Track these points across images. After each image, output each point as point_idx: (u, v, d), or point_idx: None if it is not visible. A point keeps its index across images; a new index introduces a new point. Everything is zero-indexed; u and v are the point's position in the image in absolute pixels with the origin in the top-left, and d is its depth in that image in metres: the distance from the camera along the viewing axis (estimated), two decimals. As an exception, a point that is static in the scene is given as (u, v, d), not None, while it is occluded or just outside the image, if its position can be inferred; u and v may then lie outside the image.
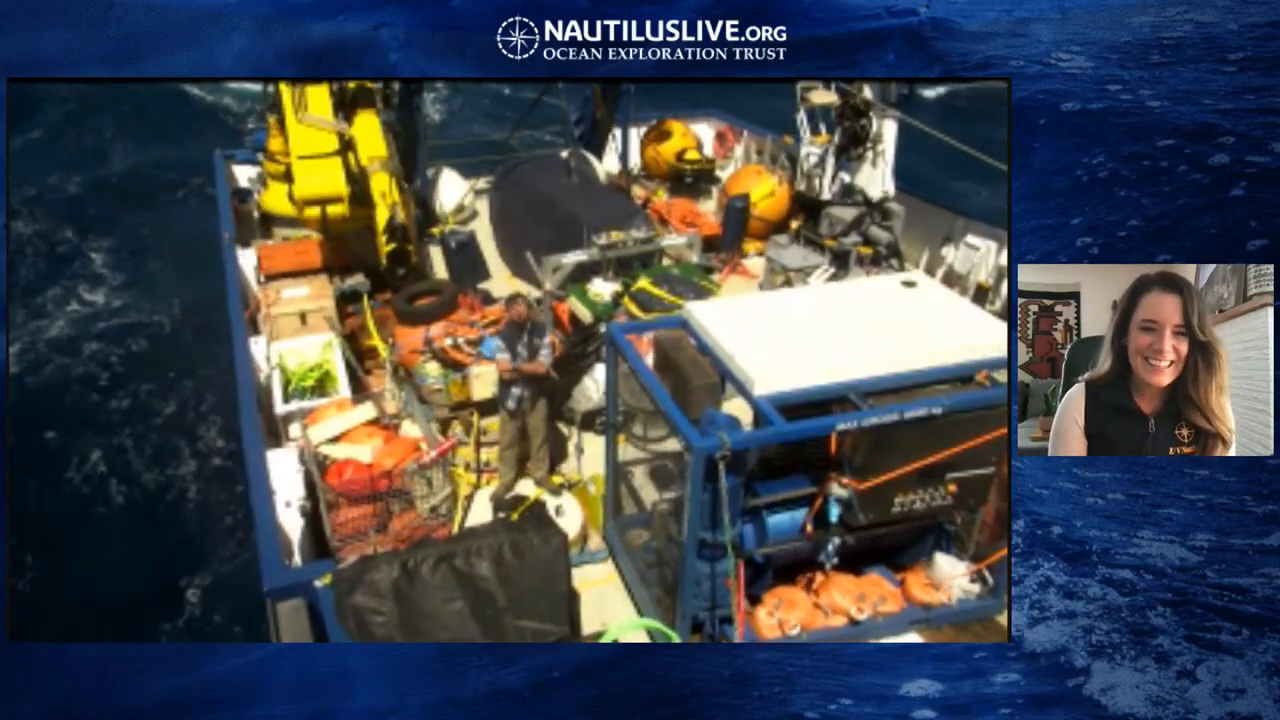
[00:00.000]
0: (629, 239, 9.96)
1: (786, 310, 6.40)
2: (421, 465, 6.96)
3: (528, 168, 12.33)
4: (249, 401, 7.79)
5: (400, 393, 8.31)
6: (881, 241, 10.56)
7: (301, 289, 9.47)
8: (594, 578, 6.86)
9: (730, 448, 5.03)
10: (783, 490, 5.76)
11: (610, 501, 7.03)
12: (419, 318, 8.80)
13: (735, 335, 5.87)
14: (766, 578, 6.04)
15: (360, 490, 6.78)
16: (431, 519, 7.05)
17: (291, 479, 6.94)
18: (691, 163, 13.86)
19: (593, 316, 8.95)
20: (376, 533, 6.80)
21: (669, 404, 5.50)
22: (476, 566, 5.85)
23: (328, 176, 8.73)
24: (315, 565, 6.20)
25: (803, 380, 5.51)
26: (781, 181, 12.07)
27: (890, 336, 5.88)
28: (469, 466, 7.90)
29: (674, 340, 6.35)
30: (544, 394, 7.37)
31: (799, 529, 5.79)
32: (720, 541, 5.32)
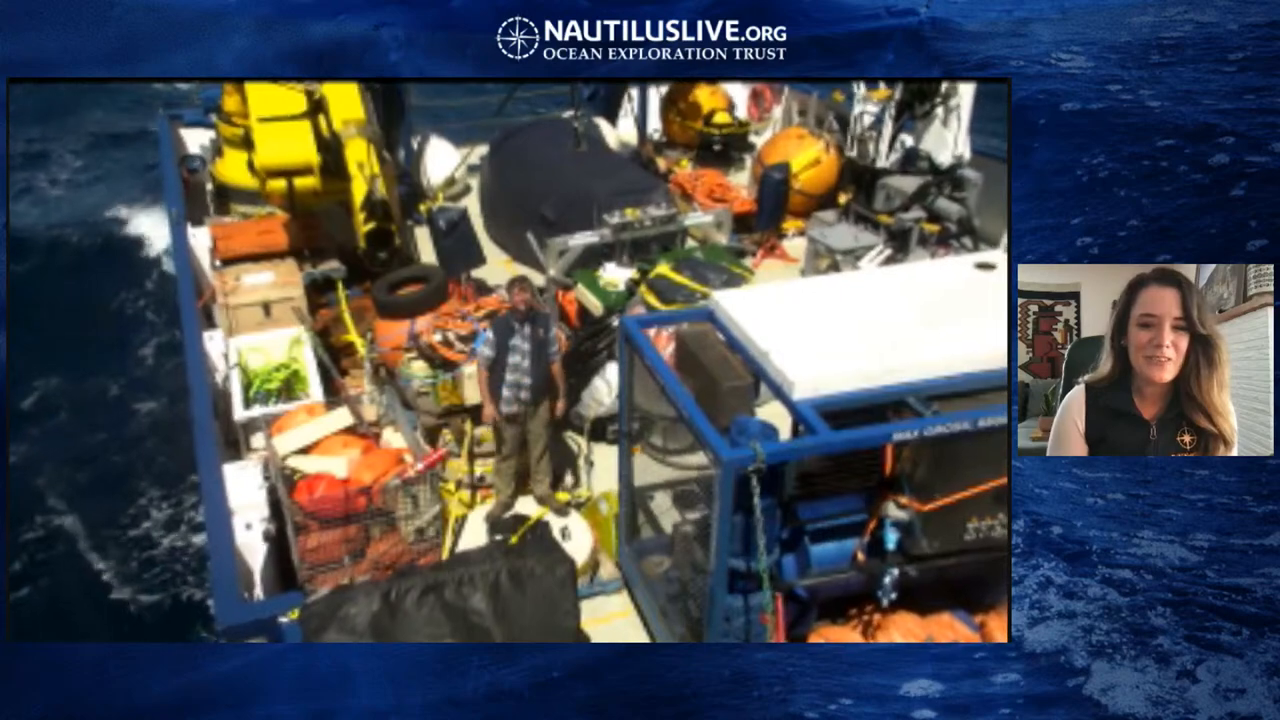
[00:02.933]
0: (647, 217, 10.00)
1: (833, 300, 6.41)
2: (406, 480, 7.01)
3: (529, 134, 12.38)
4: (203, 407, 7.86)
5: (381, 396, 8.37)
6: (952, 216, 10.47)
7: (265, 275, 9.54)
8: (606, 612, 6.90)
9: (765, 461, 5.04)
10: (829, 512, 5.75)
11: (625, 523, 7.05)
12: (403, 309, 8.83)
13: (771, 329, 5.88)
14: (811, 615, 6.01)
15: (334, 510, 6.83)
16: (417, 543, 7.10)
17: (253, 497, 7.00)
18: (721, 127, 13.87)
19: (604, 308, 8.99)
20: (352, 560, 6.86)
21: (693, 410, 5.52)
22: (469, 599, 5.88)
23: (294, 143, 8.79)
24: (280, 598, 6.25)
25: (852, 382, 5.51)
26: (828, 147, 12.07)
27: (960, 330, 5.86)
28: (461, 482, 7.96)
29: (699, 335, 6.38)
30: (547, 397, 7.41)
31: (849, 558, 5.78)
32: (755, 571, 5.33)
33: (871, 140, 11.20)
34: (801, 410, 5.40)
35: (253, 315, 9.22)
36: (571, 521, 7.49)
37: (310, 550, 6.79)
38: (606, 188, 10.48)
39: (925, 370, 5.58)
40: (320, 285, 9.77)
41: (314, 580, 6.70)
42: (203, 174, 11.99)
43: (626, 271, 9.44)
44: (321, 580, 6.70)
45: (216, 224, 10.56)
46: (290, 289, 9.37)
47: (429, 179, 12.81)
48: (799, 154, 12.07)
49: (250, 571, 6.58)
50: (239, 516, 6.76)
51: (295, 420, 7.72)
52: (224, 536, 6.52)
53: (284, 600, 6.10)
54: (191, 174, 11.96)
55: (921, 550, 5.65)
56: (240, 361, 8.60)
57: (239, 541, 6.59)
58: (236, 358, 8.61)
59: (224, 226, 10.45)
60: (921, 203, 10.58)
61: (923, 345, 5.74)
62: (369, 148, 9.14)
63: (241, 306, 9.19)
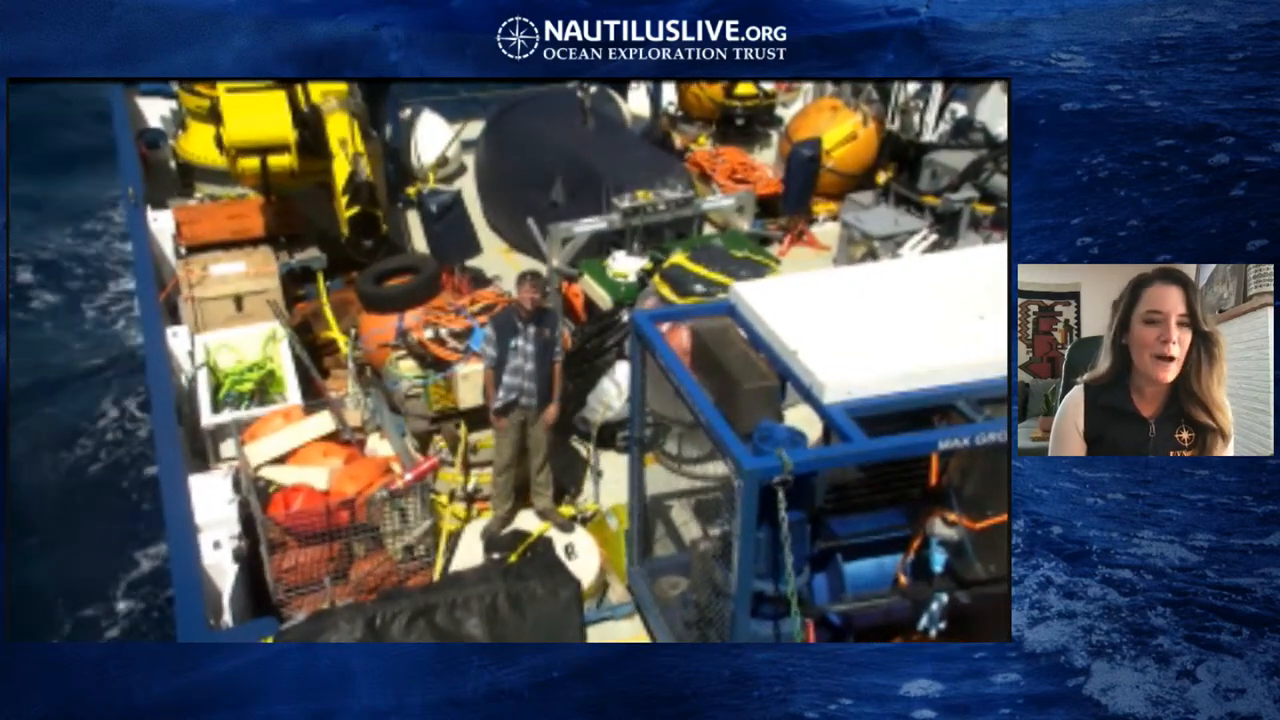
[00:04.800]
0: (661, 200, 10.01)
1: (869, 291, 6.39)
2: (393, 492, 7.03)
3: (530, 107, 12.36)
4: (166, 411, 7.84)
5: (366, 399, 8.40)
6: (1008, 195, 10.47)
7: (236, 265, 9.58)
8: (616, 638, 6.91)
9: (793, 471, 5.04)
10: (867, 528, 5.73)
11: (636, 540, 7.06)
12: (390, 302, 8.84)
13: (799, 324, 5.87)
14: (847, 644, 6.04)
15: (313, 526, 6.86)
16: (405, 562, 7.12)
17: (222, 512, 6.99)
18: (745, 98, 13.83)
19: (613, 301, 9.01)
20: (334, 581, 6.88)
21: (712, 414, 5.51)
22: (463, 624, 5.89)
23: (268, 116, 8.81)
24: (252, 624, 6.23)
25: (891, 383, 5.49)
26: (866, 120, 12.03)
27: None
28: (454, 494, 7.98)
29: (718, 331, 6.37)
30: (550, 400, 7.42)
31: (890, 581, 5.75)
32: (782, 595, 5.32)
33: (917, 110, 11.15)
34: (834, 415, 5.38)
35: (222, 309, 9.26)
36: (577, 538, 7.49)
37: (286, 571, 6.82)
38: (616, 167, 10.49)
39: (975, 370, 5.54)
40: (298, 276, 9.81)
41: (290, 604, 6.73)
42: (164, 150, 12.00)
43: (638, 261, 9.46)
44: (299, 604, 6.72)
45: (180, 207, 10.56)
46: (264, 280, 9.41)
47: (419, 158, 12.83)
48: (832, 128, 12.05)
49: (219, 595, 6.59)
50: (206, 534, 6.74)
51: (270, 426, 7.75)
52: (189, 557, 6.47)
53: (256, 627, 6.09)
54: (151, 150, 11.95)
55: (974, 574, 5.61)
56: (208, 361, 8.64)
57: (206, 562, 6.57)
58: (204, 356, 8.64)
59: (189, 209, 10.46)
60: (974, 180, 10.53)
61: (972, 342, 5.70)
62: (352, 122, 9.17)
63: (210, 299, 9.24)
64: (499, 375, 7.24)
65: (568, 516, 7.75)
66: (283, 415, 7.90)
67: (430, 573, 7.16)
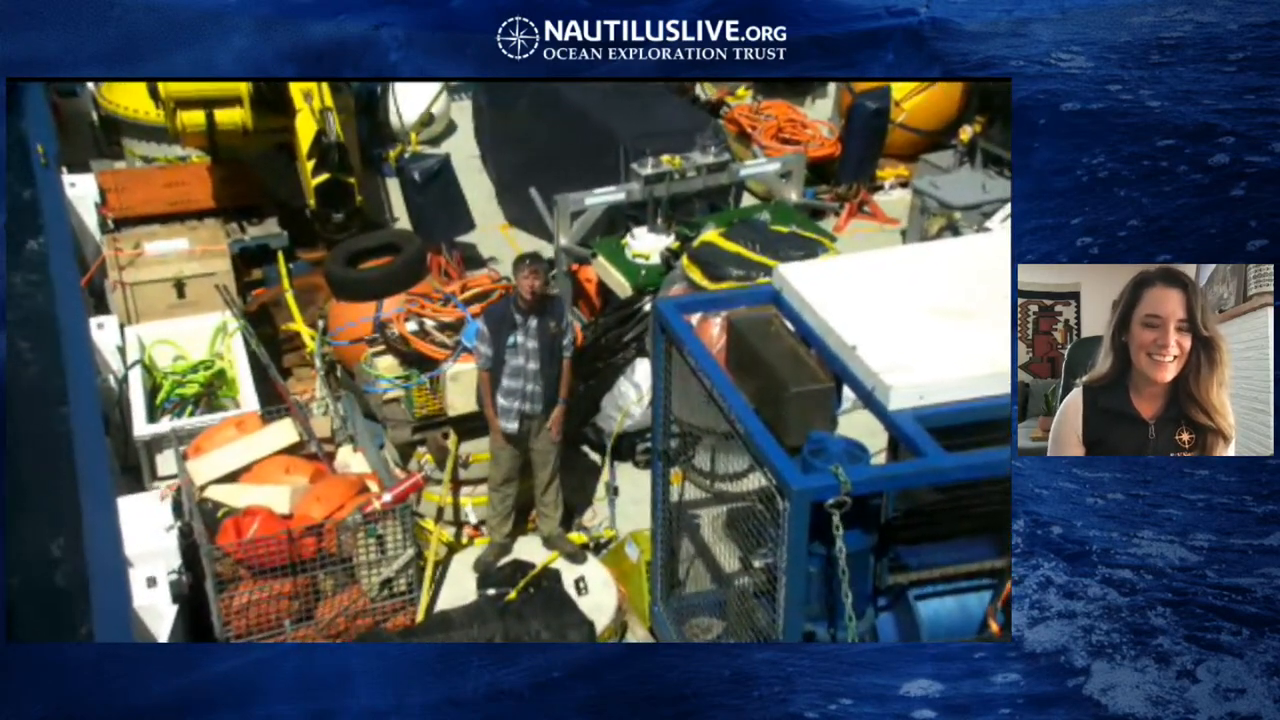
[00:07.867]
0: (690, 166, 10.01)
1: (945, 275, 6.38)
2: (369, 516, 7.06)
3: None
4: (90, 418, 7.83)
5: (337, 405, 8.43)
6: None
7: (177, 242, 9.58)
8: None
9: (852, 492, 5.04)
10: (946, 561, 5.72)
11: (661, 572, 7.06)
12: (366, 288, 8.86)
13: (859, 315, 5.86)
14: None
15: (272, 557, 6.88)
16: (383, 600, 7.17)
17: (159, 542, 7.03)
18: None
19: (633, 288, 9.02)
20: (296, 624, 6.92)
21: (752, 422, 5.51)
22: (452, 676, 5.94)
23: (216, 63, 8.89)
24: None
25: (970, 387, 5.47)
26: (943, 68, 12.05)
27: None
28: (442, 518, 8.01)
29: (760, 324, 6.36)
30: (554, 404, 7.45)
31: (978, 625, 5.77)
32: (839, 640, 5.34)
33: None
34: (902, 424, 5.36)
35: (161, 296, 9.27)
36: (590, 570, 7.51)
37: (237, 612, 6.85)
38: (637, 126, 10.50)
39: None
40: (254, 256, 9.82)
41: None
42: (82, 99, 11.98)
43: (664, 239, 9.45)
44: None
45: (106, 171, 10.54)
46: (212, 261, 9.42)
47: (400, 115, 12.86)
48: (902, 75, 12.07)
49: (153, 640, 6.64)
50: (138, 568, 6.77)
51: (221, 437, 7.78)
52: (116, 596, 6.47)
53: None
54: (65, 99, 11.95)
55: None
56: (144, 359, 8.67)
57: (137, 604, 6.60)
58: (139, 354, 8.66)
59: (116, 174, 10.46)
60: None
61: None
62: (319, 72, 9.21)
63: (145, 284, 9.24)
64: (496, 378, 7.27)
65: (579, 544, 7.77)
66: (235, 424, 7.92)
67: (413, 613, 7.19)
